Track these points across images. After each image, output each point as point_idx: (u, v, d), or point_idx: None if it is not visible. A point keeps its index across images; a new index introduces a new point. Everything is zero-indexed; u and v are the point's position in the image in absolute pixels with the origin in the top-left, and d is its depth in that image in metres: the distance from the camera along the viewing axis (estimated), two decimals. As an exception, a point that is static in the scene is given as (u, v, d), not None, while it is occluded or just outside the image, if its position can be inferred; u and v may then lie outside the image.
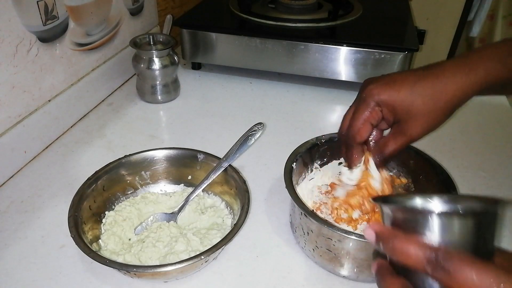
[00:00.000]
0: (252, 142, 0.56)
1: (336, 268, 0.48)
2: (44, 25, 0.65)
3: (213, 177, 0.55)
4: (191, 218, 0.55)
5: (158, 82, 0.81)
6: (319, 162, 0.59)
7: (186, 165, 0.58)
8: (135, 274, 0.45)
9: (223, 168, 0.55)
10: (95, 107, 0.81)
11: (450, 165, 0.58)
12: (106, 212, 0.54)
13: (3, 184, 0.61)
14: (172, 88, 0.84)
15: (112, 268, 0.43)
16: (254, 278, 0.49)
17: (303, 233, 0.50)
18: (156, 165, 0.58)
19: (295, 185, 0.52)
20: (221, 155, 0.56)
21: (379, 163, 0.49)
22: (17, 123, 0.63)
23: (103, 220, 0.53)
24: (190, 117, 0.80)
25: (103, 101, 0.84)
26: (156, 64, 0.79)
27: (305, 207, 0.47)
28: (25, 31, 0.61)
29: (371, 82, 0.47)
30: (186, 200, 0.55)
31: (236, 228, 0.46)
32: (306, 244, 0.50)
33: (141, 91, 0.83)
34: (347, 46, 0.82)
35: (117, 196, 0.56)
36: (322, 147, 0.58)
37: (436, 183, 0.52)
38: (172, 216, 0.54)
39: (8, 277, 0.48)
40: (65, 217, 0.47)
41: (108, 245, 0.50)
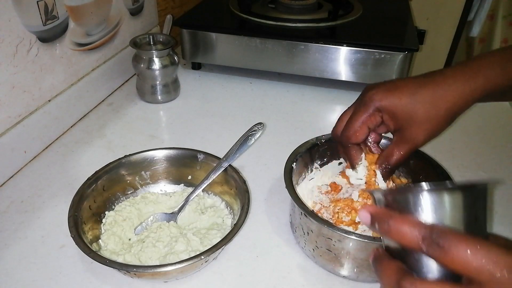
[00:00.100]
0: (252, 142, 0.56)
1: (336, 268, 0.48)
2: (44, 25, 0.65)
3: (213, 177, 0.55)
4: (191, 218, 0.55)
5: (158, 82, 0.81)
6: (319, 162, 0.59)
7: (186, 165, 0.58)
8: (135, 274, 0.45)
9: (223, 168, 0.55)
10: (95, 107, 0.81)
11: (450, 165, 0.58)
12: (106, 212, 0.54)
13: (3, 184, 0.61)
14: (172, 88, 0.84)
15: (112, 268, 0.43)
16: (254, 278, 0.49)
17: (303, 233, 0.50)
18: (156, 165, 0.58)
19: (295, 185, 0.52)
20: (221, 155, 0.56)
21: (386, 174, 0.49)
22: (17, 123, 0.63)
23: (103, 220, 0.53)
24: (190, 117, 0.79)
25: (103, 101, 0.84)
26: (156, 64, 0.79)
27: (305, 207, 0.47)
28: (25, 31, 0.61)
29: (373, 88, 0.47)
30: (186, 200, 0.55)
31: (236, 228, 0.46)
32: (306, 244, 0.50)
33: (141, 91, 0.83)
34: (347, 46, 0.82)
35: (117, 196, 0.56)
36: (322, 147, 0.58)
37: (436, 183, 0.52)
38: (172, 216, 0.54)
39: (8, 277, 0.48)
40: (65, 217, 0.47)
41: (108, 245, 0.50)
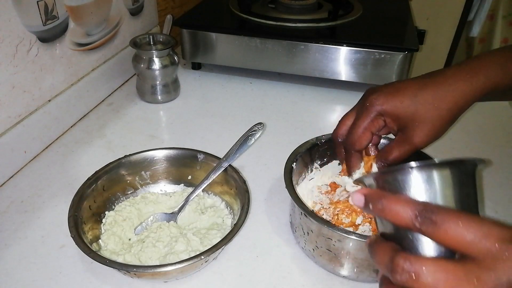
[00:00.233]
0: (252, 142, 0.56)
1: (336, 268, 0.48)
2: (44, 25, 0.65)
3: (213, 177, 0.55)
4: (191, 218, 0.55)
5: (158, 82, 0.81)
6: (319, 162, 0.59)
7: (186, 165, 0.58)
8: (135, 274, 0.45)
9: (223, 168, 0.55)
10: (95, 107, 0.81)
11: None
12: (106, 212, 0.54)
13: (3, 184, 0.61)
14: (172, 88, 0.84)
15: (112, 268, 0.43)
16: (254, 278, 0.49)
17: (303, 233, 0.50)
18: (156, 165, 0.58)
19: (295, 185, 0.52)
20: (221, 155, 0.56)
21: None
22: (17, 123, 0.63)
23: (103, 220, 0.53)
24: (190, 117, 0.79)
25: (103, 101, 0.84)
26: (156, 64, 0.79)
27: (305, 207, 0.47)
28: (25, 31, 0.61)
29: (374, 92, 0.47)
30: (186, 200, 0.55)
31: (236, 228, 0.46)
32: (306, 244, 0.50)
33: (141, 91, 0.83)
34: (347, 46, 0.82)
35: (117, 196, 0.56)
36: (322, 147, 0.58)
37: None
38: (172, 216, 0.54)
39: (8, 277, 0.48)
40: (65, 217, 0.47)
41: (108, 245, 0.50)
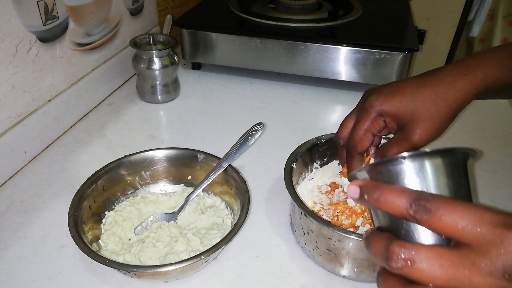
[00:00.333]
0: (252, 142, 0.56)
1: (336, 268, 0.48)
2: (44, 25, 0.65)
3: (213, 177, 0.55)
4: (191, 218, 0.55)
5: (158, 82, 0.81)
6: (319, 162, 0.59)
7: (186, 165, 0.58)
8: (135, 274, 0.45)
9: (223, 168, 0.55)
10: (95, 107, 0.81)
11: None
12: (106, 212, 0.54)
13: (3, 184, 0.61)
14: (172, 88, 0.84)
15: (112, 268, 0.43)
16: (254, 278, 0.49)
17: (303, 233, 0.50)
18: (156, 165, 0.58)
19: (295, 185, 0.52)
20: (221, 155, 0.56)
21: None
22: (17, 123, 0.63)
23: (103, 220, 0.53)
24: (190, 117, 0.79)
25: (103, 101, 0.84)
26: (156, 64, 0.79)
27: (305, 207, 0.47)
28: (25, 31, 0.61)
29: (373, 93, 0.47)
30: (186, 200, 0.55)
31: (236, 228, 0.46)
32: (306, 244, 0.50)
33: (141, 91, 0.83)
34: (347, 46, 0.82)
35: (117, 196, 0.56)
36: (322, 147, 0.58)
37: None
38: (172, 216, 0.54)
39: (8, 277, 0.48)
40: (65, 217, 0.47)
41: (108, 245, 0.50)
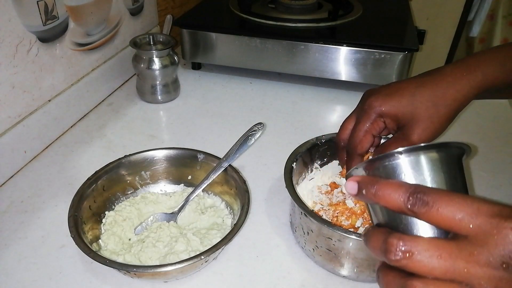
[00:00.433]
0: (252, 142, 0.56)
1: (336, 268, 0.48)
2: (44, 25, 0.65)
3: (213, 177, 0.55)
4: (191, 218, 0.55)
5: (158, 82, 0.81)
6: (319, 162, 0.59)
7: (186, 165, 0.58)
8: (135, 274, 0.45)
9: (223, 168, 0.55)
10: (95, 107, 0.81)
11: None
12: (106, 212, 0.54)
13: (3, 184, 0.61)
14: (172, 88, 0.84)
15: (112, 268, 0.43)
16: (254, 278, 0.49)
17: (303, 233, 0.50)
18: (156, 165, 0.58)
19: (295, 185, 0.52)
20: (221, 155, 0.56)
21: None
22: (17, 123, 0.63)
23: (103, 220, 0.53)
24: (190, 117, 0.79)
25: (103, 101, 0.84)
26: (156, 64, 0.79)
27: (305, 207, 0.47)
28: (25, 31, 0.61)
29: (372, 94, 0.47)
30: (186, 200, 0.55)
31: (236, 228, 0.46)
32: (306, 244, 0.50)
33: (141, 91, 0.83)
34: (347, 46, 0.82)
35: (117, 196, 0.56)
36: (322, 147, 0.58)
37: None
38: (172, 216, 0.54)
39: (8, 277, 0.48)
40: (65, 217, 0.47)
41: (108, 245, 0.50)
